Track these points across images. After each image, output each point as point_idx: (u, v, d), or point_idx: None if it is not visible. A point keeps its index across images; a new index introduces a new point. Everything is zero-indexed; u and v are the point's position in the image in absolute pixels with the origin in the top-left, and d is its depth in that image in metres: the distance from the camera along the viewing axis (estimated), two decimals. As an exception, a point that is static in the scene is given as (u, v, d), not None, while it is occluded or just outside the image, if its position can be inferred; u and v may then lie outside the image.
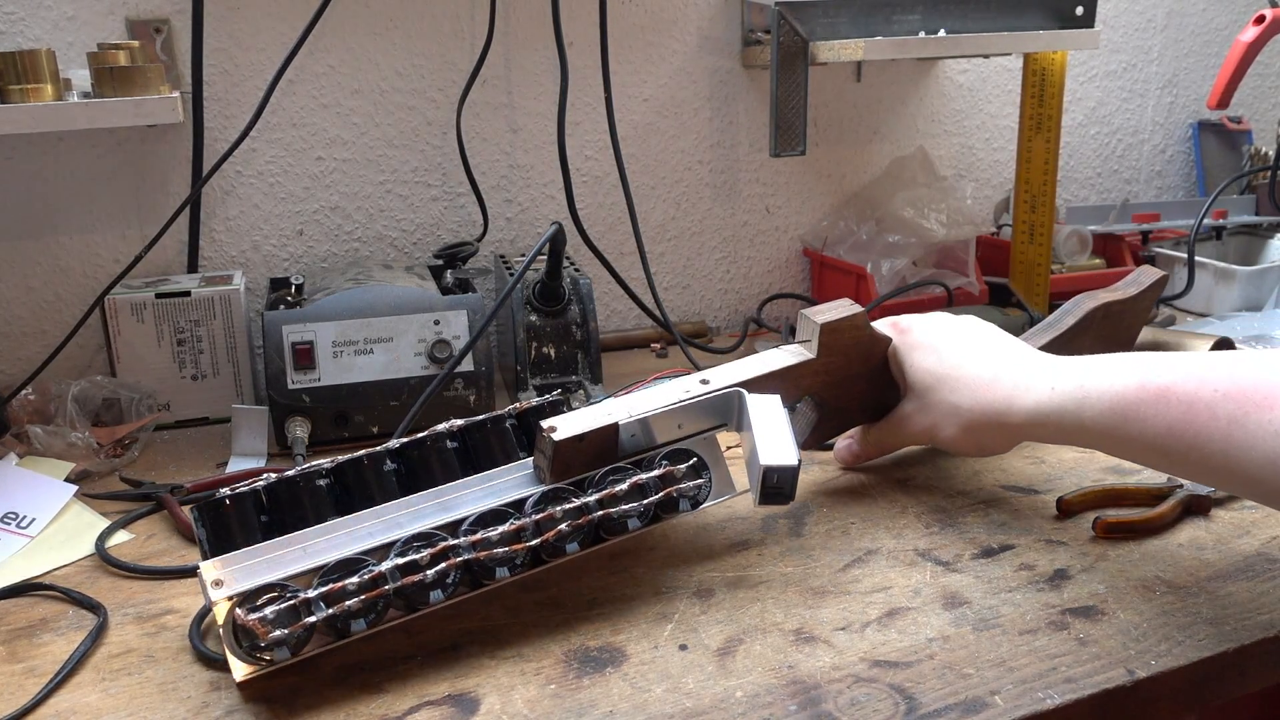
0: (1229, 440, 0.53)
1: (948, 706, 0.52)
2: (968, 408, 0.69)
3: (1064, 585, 0.63)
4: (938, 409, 0.71)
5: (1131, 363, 0.60)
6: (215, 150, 1.03)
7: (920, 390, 0.72)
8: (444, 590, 0.57)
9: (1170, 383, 0.56)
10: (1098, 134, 1.48)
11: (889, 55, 1.10)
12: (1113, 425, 0.59)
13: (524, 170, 1.17)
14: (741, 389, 0.68)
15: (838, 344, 0.74)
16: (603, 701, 0.54)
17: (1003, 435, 0.69)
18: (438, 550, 0.57)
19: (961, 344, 0.72)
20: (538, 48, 1.13)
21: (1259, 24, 1.18)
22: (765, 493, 0.64)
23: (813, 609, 0.62)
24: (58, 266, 1.04)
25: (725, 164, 1.25)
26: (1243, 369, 0.54)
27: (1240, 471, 0.53)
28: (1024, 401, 0.65)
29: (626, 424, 0.64)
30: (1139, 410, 0.57)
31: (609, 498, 0.62)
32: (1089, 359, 0.63)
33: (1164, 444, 0.56)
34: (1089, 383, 0.61)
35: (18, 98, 0.83)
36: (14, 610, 0.66)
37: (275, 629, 0.53)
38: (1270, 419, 0.51)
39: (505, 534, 0.59)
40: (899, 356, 0.75)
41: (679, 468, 0.64)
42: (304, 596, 0.55)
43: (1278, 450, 0.51)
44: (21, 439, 0.88)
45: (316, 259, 1.12)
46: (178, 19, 1.01)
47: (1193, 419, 0.54)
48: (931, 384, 0.71)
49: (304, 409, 0.89)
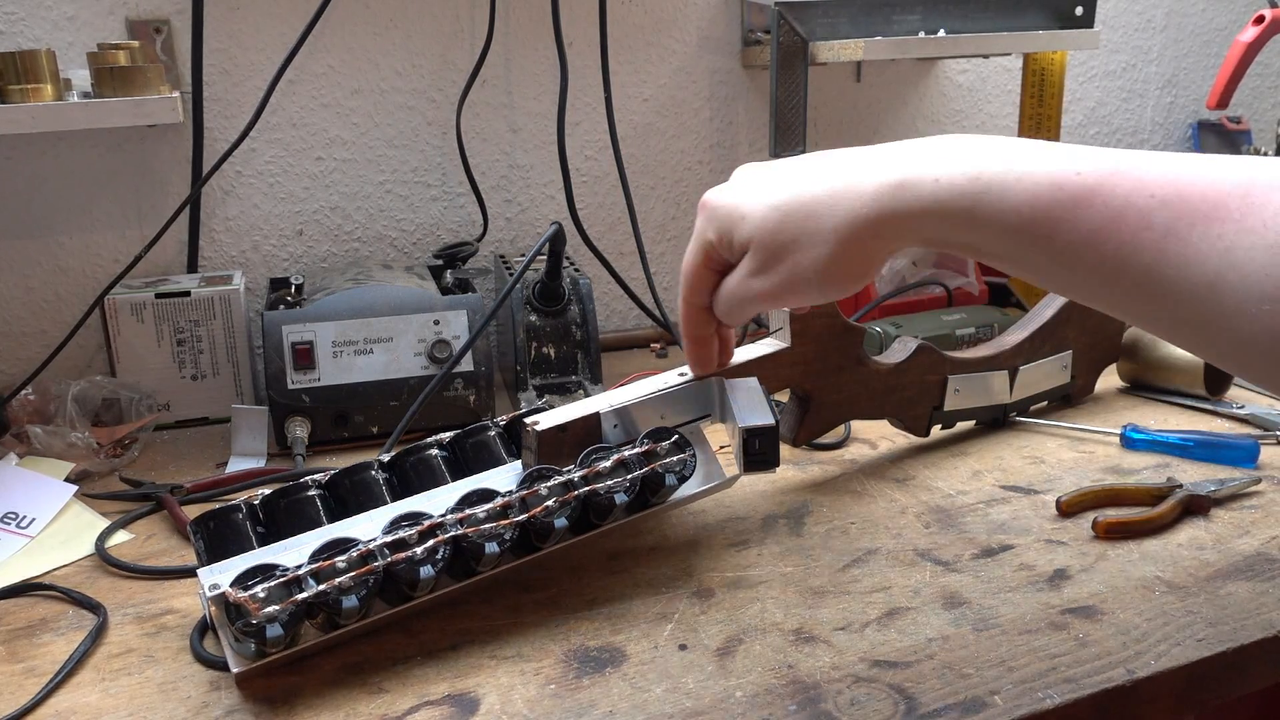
0: (1160, 254, 0.42)
1: (947, 706, 0.52)
2: (833, 227, 0.51)
3: (1064, 585, 0.63)
4: (795, 246, 0.53)
5: (1043, 153, 0.47)
6: (215, 150, 1.03)
7: (765, 239, 0.55)
8: (434, 566, 0.58)
9: (1097, 181, 0.44)
10: (1097, 134, 1.48)
11: (889, 55, 1.10)
12: (1016, 229, 0.46)
13: (524, 170, 1.17)
14: (720, 376, 0.70)
15: (809, 331, 0.76)
16: (603, 701, 0.54)
17: (878, 245, 0.52)
18: (425, 528, 0.58)
19: (794, 172, 0.55)
20: (537, 48, 1.13)
21: (1259, 24, 1.18)
22: (749, 459, 0.65)
23: (812, 609, 0.62)
24: (58, 266, 1.04)
25: (725, 164, 1.25)
26: (1187, 170, 0.43)
27: (1164, 294, 0.42)
28: (903, 200, 0.49)
29: (608, 414, 0.66)
30: (1053, 213, 0.45)
31: (593, 474, 0.63)
32: (978, 143, 0.49)
33: (1075, 256, 0.45)
34: (986, 173, 0.47)
35: (18, 98, 0.83)
36: (14, 610, 0.66)
37: (267, 605, 0.54)
38: (1220, 233, 0.41)
39: (492, 510, 0.60)
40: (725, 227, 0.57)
41: (661, 445, 0.65)
42: (294, 574, 0.55)
43: (1218, 272, 0.40)
44: (21, 439, 0.88)
45: (316, 259, 1.12)
46: (178, 19, 1.01)
47: (1120, 228, 0.43)
48: (778, 223, 0.54)
49: (304, 409, 0.89)
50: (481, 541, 0.59)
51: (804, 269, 0.53)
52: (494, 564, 0.61)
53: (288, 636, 0.55)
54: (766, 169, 0.57)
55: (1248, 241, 0.40)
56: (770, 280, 0.55)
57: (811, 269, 0.53)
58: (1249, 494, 0.75)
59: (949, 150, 0.49)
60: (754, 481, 0.80)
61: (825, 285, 0.54)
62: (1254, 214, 0.40)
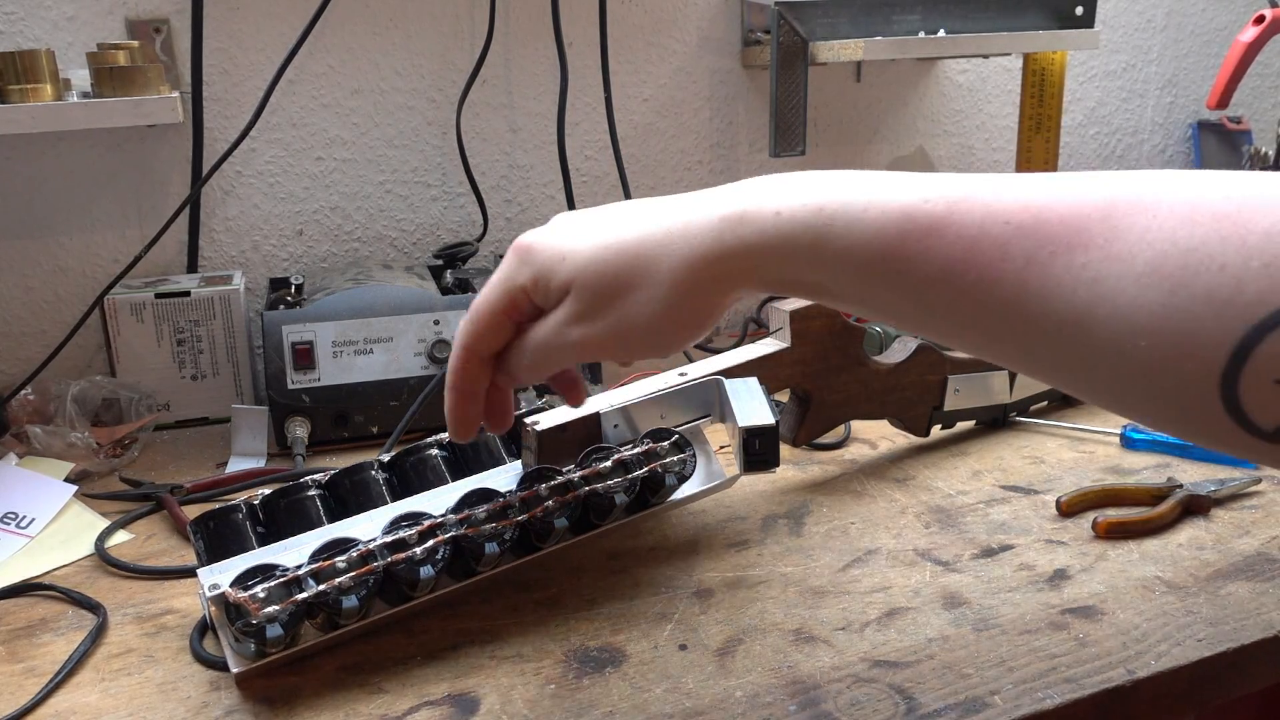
0: (1021, 288, 0.38)
1: (947, 706, 0.52)
2: (666, 273, 0.46)
3: (1064, 585, 0.63)
4: (624, 295, 0.48)
5: (894, 184, 0.42)
6: (215, 150, 1.03)
7: (590, 285, 0.48)
8: (434, 567, 0.58)
9: (948, 208, 0.40)
10: (1097, 134, 1.48)
11: (889, 55, 1.10)
12: (863, 265, 0.42)
13: (524, 170, 1.17)
14: (719, 377, 0.70)
15: (809, 331, 0.76)
16: (603, 701, 0.54)
17: (716, 293, 0.47)
18: (425, 528, 0.58)
19: (622, 216, 0.50)
20: (537, 48, 1.13)
21: (1259, 24, 1.18)
22: (749, 459, 0.65)
23: (812, 609, 0.62)
24: (58, 266, 1.04)
25: (725, 164, 1.25)
26: (1042, 194, 0.39)
27: (1025, 334, 0.39)
28: (739, 239, 0.45)
29: (608, 414, 0.66)
30: (903, 247, 0.40)
31: (594, 474, 0.63)
32: (821, 177, 0.44)
33: (929, 295, 0.40)
34: (829, 206, 0.42)
35: (17, 98, 0.83)
36: (14, 610, 0.66)
37: (267, 605, 0.54)
38: (1084, 262, 0.36)
39: (492, 510, 0.60)
40: (543, 273, 0.50)
41: (661, 444, 0.65)
42: (294, 574, 0.55)
43: (1086, 305, 0.36)
44: (21, 439, 0.88)
45: (316, 259, 1.12)
46: (177, 19, 1.01)
47: (975, 260, 0.39)
48: (603, 270, 0.48)
49: (304, 409, 0.89)
50: (481, 541, 0.59)
51: (634, 315, 0.47)
52: (494, 564, 0.61)
53: (287, 636, 0.55)
54: (593, 212, 0.51)
55: (1115, 270, 0.36)
56: (593, 328, 0.48)
57: (643, 315, 0.47)
58: (1249, 494, 0.75)
59: (793, 183, 0.45)
60: (754, 481, 0.80)
61: (658, 335, 0.48)
62: (1119, 239, 0.36)
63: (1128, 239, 0.36)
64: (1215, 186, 0.35)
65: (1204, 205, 0.35)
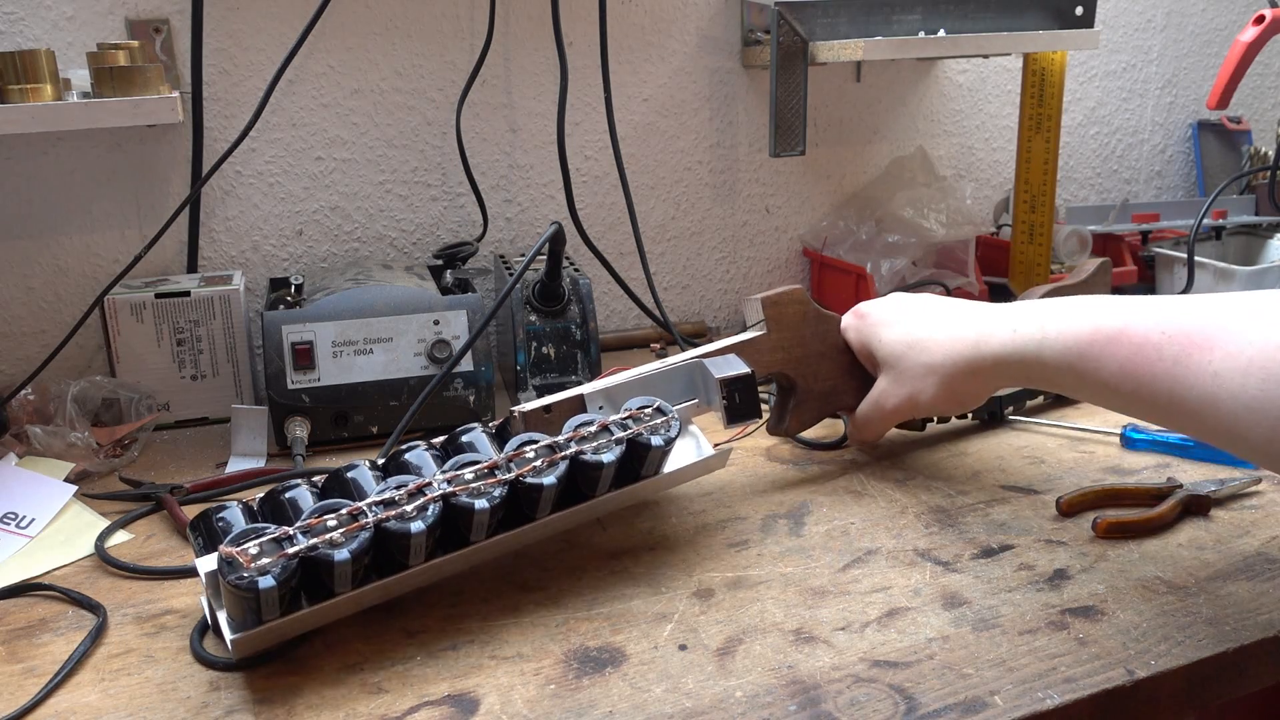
0: (1173, 379, 0.55)
1: (947, 706, 0.52)
2: (940, 363, 0.72)
3: (1064, 585, 0.63)
4: (913, 374, 0.74)
5: (1088, 306, 0.63)
6: (215, 150, 1.03)
7: (893, 362, 0.76)
8: (424, 522, 0.57)
9: (1123, 325, 0.59)
10: (1097, 134, 1.48)
11: (889, 55, 1.10)
12: (1069, 364, 0.62)
13: (524, 170, 1.17)
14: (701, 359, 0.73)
15: (783, 317, 0.78)
16: (603, 701, 0.54)
17: (976, 382, 0.72)
18: (413, 488, 0.59)
19: (923, 312, 0.76)
20: (537, 48, 1.13)
21: (1259, 24, 1.18)
22: (730, 410, 0.68)
23: (812, 609, 0.62)
24: (57, 266, 1.04)
25: (725, 164, 1.25)
26: (1188, 312, 0.56)
27: (1182, 409, 0.55)
28: (990, 346, 0.69)
29: (592, 395, 0.68)
30: (1093, 350, 0.60)
31: (578, 437, 0.63)
32: (1049, 303, 0.66)
33: (1116, 383, 0.59)
34: (1049, 325, 0.64)
35: (17, 98, 0.83)
36: (14, 610, 0.66)
37: (259, 559, 0.54)
38: (1210, 360, 0.53)
39: (479, 471, 0.60)
40: (865, 339, 0.79)
41: (644, 410, 0.66)
42: (286, 531, 0.55)
43: (1213, 391, 0.53)
44: (21, 439, 0.88)
45: (316, 259, 1.12)
46: (177, 19, 1.01)
47: (1142, 359, 0.57)
48: (902, 352, 0.75)
49: (303, 409, 0.89)
50: (471, 500, 0.59)
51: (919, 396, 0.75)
52: (486, 529, 0.60)
53: (281, 592, 0.54)
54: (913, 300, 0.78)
55: (1230, 365, 0.52)
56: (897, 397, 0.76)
57: (926, 397, 0.74)
58: (1249, 494, 0.75)
59: (1027, 309, 0.67)
60: (754, 481, 0.80)
61: (939, 410, 0.77)
62: (1232, 341, 0.53)
63: (1239, 342, 0.52)
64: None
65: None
